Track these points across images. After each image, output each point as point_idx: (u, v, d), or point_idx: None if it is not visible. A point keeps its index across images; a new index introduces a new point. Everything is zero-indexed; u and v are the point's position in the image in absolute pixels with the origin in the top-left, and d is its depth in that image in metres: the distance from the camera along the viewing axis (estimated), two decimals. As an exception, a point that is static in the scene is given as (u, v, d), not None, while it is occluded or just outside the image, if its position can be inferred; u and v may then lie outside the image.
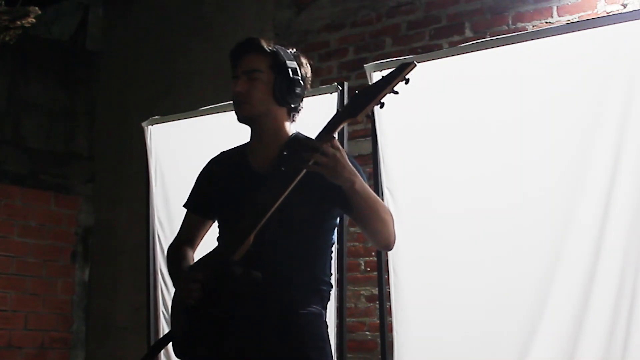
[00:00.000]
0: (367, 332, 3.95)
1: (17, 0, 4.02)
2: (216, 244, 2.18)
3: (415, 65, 1.88)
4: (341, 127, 1.94)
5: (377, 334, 3.40)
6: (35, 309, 5.00)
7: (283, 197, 1.93)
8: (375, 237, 2.07)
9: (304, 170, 1.90)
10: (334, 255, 2.95)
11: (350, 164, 1.93)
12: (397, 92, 1.89)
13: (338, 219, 2.18)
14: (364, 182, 1.96)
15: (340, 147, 1.91)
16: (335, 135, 1.91)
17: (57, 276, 5.15)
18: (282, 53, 2.13)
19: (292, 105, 2.14)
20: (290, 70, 2.11)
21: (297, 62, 2.14)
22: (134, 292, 4.70)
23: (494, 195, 2.64)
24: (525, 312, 2.52)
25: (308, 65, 2.20)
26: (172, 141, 3.71)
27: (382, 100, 1.89)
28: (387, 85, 1.87)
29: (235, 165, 2.21)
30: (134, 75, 5.32)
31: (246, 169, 2.16)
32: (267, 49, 2.12)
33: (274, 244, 2.02)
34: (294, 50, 2.20)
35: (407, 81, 1.88)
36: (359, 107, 1.90)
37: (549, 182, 2.53)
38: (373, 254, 3.66)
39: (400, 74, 1.86)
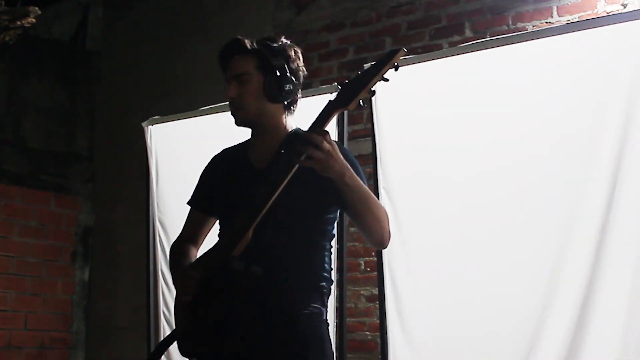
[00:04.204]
0: (367, 332, 3.94)
1: (17, 0, 4.03)
2: (217, 240, 2.17)
3: (405, 51, 1.85)
4: (333, 117, 1.90)
5: (377, 334, 3.40)
6: (35, 309, 5.00)
7: (279, 190, 1.91)
8: (368, 234, 2.05)
9: (298, 164, 1.88)
10: (333, 253, 2.98)
11: (343, 159, 1.91)
12: (387, 80, 1.87)
13: (337, 213, 2.16)
14: (355, 176, 1.94)
15: (334, 142, 1.89)
16: (328, 126, 1.88)
17: (57, 276, 5.14)
18: (266, 51, 2.09)
19: (287, 101, 2.13)
20: (277, 68, 2.08)
21: (284, 57, 2.11)
22: (134, 292, 4.70)
23: (493, 197, 2.63)
24: (525, 311, 2.52)
25: (298, 54, 2.16)
26: (172, 141, 3.71)
27: (372, 89, 1.86)
28: (376, 72, 1.84)
29: (235, 161, 2.21)
30: (134, 75, 5.31)
31: (245, 164, 2.16)
32: (250, 49, 2.10)
33: (273, 240, 2.01)
34: (283, 41, 2.15)
35: (396, 68, 1.86)
36: (350, 96, 1.87)
37: (549, 181, 2.53)
38: (373, 254, 3.65)
39: (389, 60, 1.84)
